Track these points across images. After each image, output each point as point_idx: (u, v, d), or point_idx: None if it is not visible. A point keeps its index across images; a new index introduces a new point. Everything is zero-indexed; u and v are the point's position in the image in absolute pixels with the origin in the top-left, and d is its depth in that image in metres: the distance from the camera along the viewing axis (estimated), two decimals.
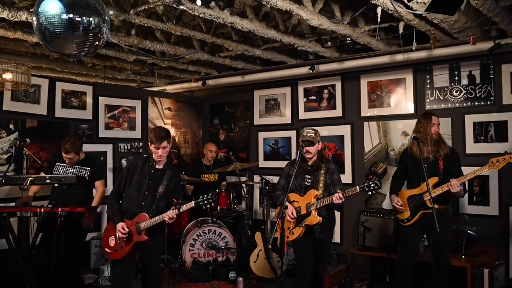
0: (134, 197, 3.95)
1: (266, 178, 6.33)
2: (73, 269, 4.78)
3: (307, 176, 4.21)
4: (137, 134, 6.96)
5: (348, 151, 6.32)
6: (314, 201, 4.04)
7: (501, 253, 4.97)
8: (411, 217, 4.37)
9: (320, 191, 4.08)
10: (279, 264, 5.43)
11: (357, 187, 3.93)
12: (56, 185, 4.46)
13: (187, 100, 7.98)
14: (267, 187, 6.02)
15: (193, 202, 3.89)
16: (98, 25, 2.87)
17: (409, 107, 5.81)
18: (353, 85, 6.30)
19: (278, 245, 5.22)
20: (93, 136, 6.37)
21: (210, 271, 5.61)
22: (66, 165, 4.87)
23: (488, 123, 5.24)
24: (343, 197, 3.89)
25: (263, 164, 7.22)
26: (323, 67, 6.03)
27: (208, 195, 3.90)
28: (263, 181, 6.16)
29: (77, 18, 2.75)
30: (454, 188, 4.04)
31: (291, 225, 4.15)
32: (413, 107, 5.77)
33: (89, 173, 4.92)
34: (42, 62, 6.34)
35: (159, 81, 7.70)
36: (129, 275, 4.05)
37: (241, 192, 6.95)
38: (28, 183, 4.39)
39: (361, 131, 6.19)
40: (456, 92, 5.47)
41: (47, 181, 4.43)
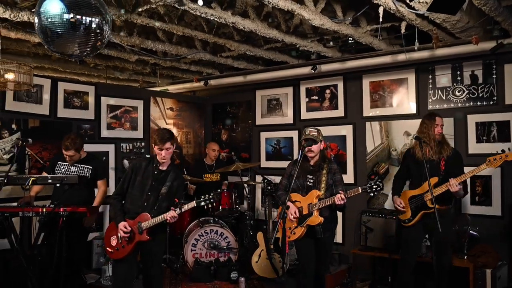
0: (136, 197, 3.96)
1: (268, 178, 6.32)
2: (75, 269, 4.80)
3: (309, 176, 4.19)
4: (139, 134, 6.97)
5: (350, 151, 6.31)
6: (316, 202, 4.01)
7: (503, 254, 4.95)
8: (412, 217, 4.36)
9: (322, 191, 4.06)
10: (281, 264, 5.42)
11: (359, 188, 3.89)
12: (58, 185, 4.47)
13: (189, 100, 7.99)
14: (269, 187, 6.01)
15: (195, 201, 3.89)
16: (99, 25, 2.88)
17: (411, 107, 5.80)
18: (355, 85, 6.29)
19: (280, 245, 5.22)
20: (95, 136, 6.38)
21: (212, 271, 5.61)
22: (67, 164, 4.88)
23: (490, 123, 5.22)
24: (345, 198, 3.86)
25: (265, 164, 7.21)
26: (325, 67, 6.02)
27: (210, 194, 3.91)
28: (265, 181, 6.15)
29: (79, 18, 2.76)
30: (453, 187, 4.03)
31: (293, 225, 4.14)
32: (415, 107, 5.75)
33: (91, 171, 4.92)
34: (44, 62, 6.35)
35: (161, 81, 7.71)
36: (130, 274, 4.06)
37: (243, 192, 6.95)
38: (30, 183, 4.39)
39: (363, 131, 6.19)
40: (458, 92, 5.46)
41: (49, 181, 4.43)
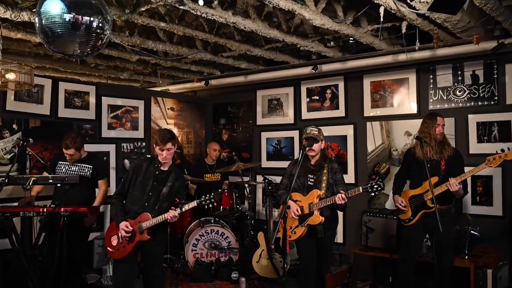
0: (137, 197, 3.96)
1: (268, 178, 6.32)
2: (76, 268, 4.80)
3: (310, 175, 4.19)
4: (140, 134, 6.97)
5: (351, 151, 6.30)
6: (316, 201, 4.01)
7: (504, 254, 4.95)
8: (412, 217, 4.37)
9: (323, 190, 4.05)
10: (282, 264, 5.42)
11: (360, 187, 3.89)
12: (58, 185, 4.47)
13: (190, 100, 7.99)
14: (270, 187, 6.01)
15: (196, 201, 3.90)
16: (100, 25, 2.87)
17: (412, 107, 5.79)
18: (356, 85, 6.29)
19: (280, 245, 5.22)
20: (96, 136, 6.38)
21: (212, 271, 5.61)
22: (68, 163, 4.88)
23: (491, 123, 5.22)
24: (346, 198, 3.86)
25: (266, 164, 7.22)
26: (326, 67, 6.01)
27: (210, 194, 3.91)
28: (266, 181, 6.15)
29: (79, 18, 2.76)
30: (452, 187, 4.03)
31: (294, 225, 4.14)
32: (416, 107, 5.75)
33: (91, 170, 4.92)
34: (45, 62, 6.35)
35: (162, 81, 7.71)
36: (131, 274, 4.07)
37: (244, 192, 6.94)
38: (31, 183, 4.39)
39: (364, 131, 6.18)
40: (459, 92, 5.45)
41: (50, 181, 4.44)
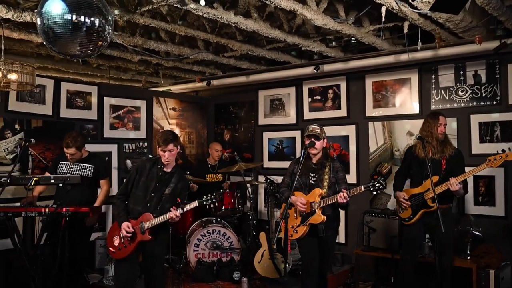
0: (140, 198, 3.97)
1: (270, 178, 6.31)
2: (78, 268, 4.80)
3: (312, 174, 4.19)
4: (142, 134, 6.97)
5: (353, 151, 6.30)
6: (318, 200, 4.02)
7: (507, 254, 4.93)
8: (412, 216, 4.37)
9: (324, 189, 4.05)
10: (284, 264, 5.41)
11: (362, 186, 3.90)
12: (60, 185, 4.48)
13: (192, 100, 7.99)
14: (272, 187, 6.00)
15: (197, 201, 3.90)
16: (101, 25, 2.88)
17: (414, 107, 5.78)
18: (358, 85, 6.28)
19: (282, 245, 5.21)
20: (98, 136, 6.38)
21: (214, 271, 5.62)
22: (69, 163, 4.88)
23: (494, 123, 5.20)
24: (347, 197, 3.86)
25: (268, 164, 7.21)
26: (327, 67, 6.01)
27: (212, 194, 3.91)
28: (268, 181, 6.14)
29: (80, 18, 2.76)
30: (453, 186, 4.03)
31: (295, 224, 4.13)
32: (418, 107, 5.73)
33: (93, 170, 4.93)
34: (47, 62, 6.36)
35: (164, 81, 7.72)
36: (133, 274, 4.08)
37: (246, 192, 6.94)
38: (32, 183, 4.40)
39: (366, 131, 6.17)
40: (461, 92, 5.44)
41: (52, 181, 4.44)
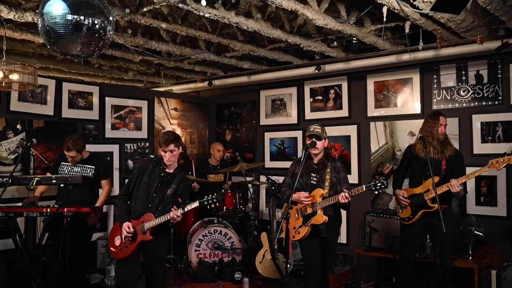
0: (142, 198, 3.97)
1: (272, 178, 6.31)
2: (80, 268, 4.81)
3: (313, 174, 4.16)
4: (144, 134, 6.98)
5: (354, 152, 6.29)
6: (320, 200, 4.00)
7: (509, 255, 4.91)
8: (412, 216, 4.37)
9: (326, 189, 4.03)
10: (285, 264, 5.41)
11: (363, 186, 3.88)
12: (62, 185, 4.48)
13: (194, 100, 7.99)
14: (273, 188, 6.00)
15: (198, 201, 3.89)
16: (102, 25, 2.88)
17: (416, 107, 5.77)
18: (359, 85, 6.27)
19: (284, 246, 5.21)
20: (100, 136, 6.39)
21: (215, 271, 5.61)
22: (70, 164, 4.90)
23: (495, 123, 5.19)
24: (349, 197, 3.84)
25: (269, 164, 7.21)
26: (329, 67, 6.00)
27: (213, 195, 3.91)
28: (269, 181, 6.14)
29: (81, 18, 2.76)
30: (454, 188, 4.03)
31: (297, 225, 4.12)
32: (420, 107, 5.73)
33: (94, 171, 4.94)
34: (49, 62, 6.36)
35: (165, 82, 7.72)
36: (134, 274, 4.07)
37: (247, 192, 6.94)
38: (34, 183, 4.41)
39: (368, 131, 6.16)
40: (463, 92, 5.43)
41: (53, 181, 4.45)
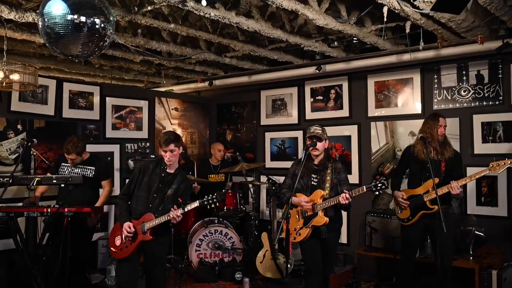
0: (142, 198, 3.97)
1: (272, 178, 6.31)
2: (80, 268, 4.81)
3: (314, 175, 4.14)
4: (144, 134, 6.98)
5: (355, 152, 6.29)
6: (320, 202, 3.98)
7: (509, 255, 4.90)
8: (411, 217, 4.36)
9: (326, 191, 4.01)
10: (286, 264, 5.41)
11: (364, 187, 3.87)
12: (62, 186, 4.49)
13: (194, 100, 7.99)
14: (274, 188, 6.00)
15: (198, 201, 3.89)
16: (102, 25, 2.88)
17: (416, 107, 5.76)
18: (360, 85, 6.26)
19: (284, 246, 5.20)
20: (100, 136, 6.39)
21: (216, 271, 5.62)
22: (70, 166, 4.90)
23: (496, 123, 5.18)
24: (350, 198, 3.83)
25: (270, 164, 7.21)
26: (329, 67, 6.00)
27: (213, 194, 3.90)
28: (270, 181, 6.14)
29: (82, 19, 2.77)
30: (454, 190, 4.03)
31: (298, 226, 4.11)
32: (420, 107, 5.72)
33: (94, 172, 4.94)
34: (50, 63, 6.37)
35: (166, 82, 7.72)
36: (135, 274, 4.07)
37: (248, 192, 6.94)
38: (35, 183, 4.41)
39: (368, 131, 6.16)
40: (464, 92, 5.42)
41: (54, 181, 4.46)
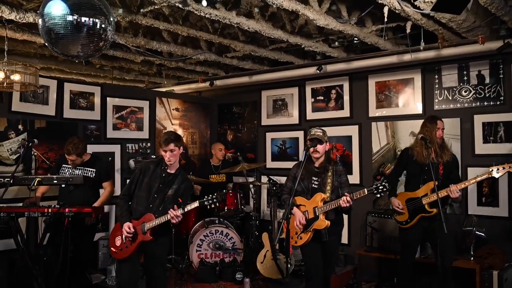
0: (143, 199, 3.97)
1: (273, 178, 6.30)
2: (81, 269, 4.82)
3: (314, 178, 4.10)
4: (145, 134, 6.98)
5: (356, 152, 6.28)
6: (321, 205, 3.93)
7: (510, 255, 4.89)
8: (409, 219, 4.36)
9: (327, 193, 3.97)
10: (286, 265, 5.41)
11: (365, 189, 3.81)
12: (63, 186, 4.49)
13: (195, 100, 8.00)
14: (275, 188, 6.00)
15: (198, 201, 3.88)
16: (102, 26, 2.88)
17: (417, 107, 5.76)
18: (361, 85, 6.26)
19: (285, 246, 5.20)
20: (101, 136, 6.40)
21: (217, 271, 5.62)
22: (71, 167, 4.91)
23: (497, 123, 5.17)
24: (351, 201, 3.78)
25: (271, 164, 7.21)
26: (330, 67, 6.00)
27: (213, 194, 3.90)
28: (271, 181, 6.14)
29: (82, 19, 2.77)
30: (453, 193, 4.02)
31: (299, 230, 4.05)
32: (421, 107, 5.72)
33: (95, 174, 4.94)
34: (51, 63, 6.38)
35: (167, 82, 7.72)
36: (135, 274, 4.07)
37: (249, 192, 6.94)
38: (35, 184, 4.41)
39: (369, 131, 6.15)
40: (465, 92, 5.41)
41: (54, 181, 4.46)
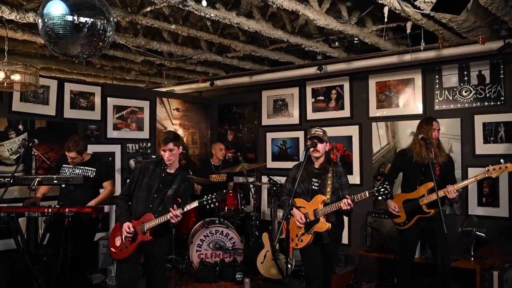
0: (142, 199, 3.97)
1: (273, 178, 6.30)
2: (81, 269, 4.81)
3: (314, 179, 4.05)
4: (145, 134, 6.99)
5: (356, 152, 6.28)
6: (321, 207, 3.88)
7: (511, 255, 4.88)
8: (407, 221, 4.36)
9: (327, 195, 3.92)
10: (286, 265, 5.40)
11: (367, 192, 3.77)
12: (63, 186, 4.49)
13: (195, 100, 8.00)
14: (275, 188, 5.99)
15: (197, 201, 3.88)
16: (102, 26, 2.88)
17: (418, 107, 5.75)
18: (361, 86, 6.26)
19: (285, 246, 5.20)
20: (102, 136, 6.40)
21: (217, 271, 5.62)
22: (71, 167, 4.91)
23: (498, 124, 5.16)
24: (351, 203, 3.75)
25: (271, 164, 7.21)
26: (331, 68, 6.00)
27: (212, 194, 3.89)
28: (271, 181, 6.14)
29: (81, 19, 2.77)
30: (450, 194, 4.03)
31: (300, 232, 4.01)
32: (422, 107, 5.71)
33: (95, 173, 4.93)
34: (51, 63, 6.38)
35: (167, 82, 7.72)
36: (135, 274, 4.07)
37: (249, 192, 6.94)
38: (35, 184, 4.41)
39: (369, 131, 6.15)
40: (465, 92, 5.41)
41: (55, 181, 4.45)
